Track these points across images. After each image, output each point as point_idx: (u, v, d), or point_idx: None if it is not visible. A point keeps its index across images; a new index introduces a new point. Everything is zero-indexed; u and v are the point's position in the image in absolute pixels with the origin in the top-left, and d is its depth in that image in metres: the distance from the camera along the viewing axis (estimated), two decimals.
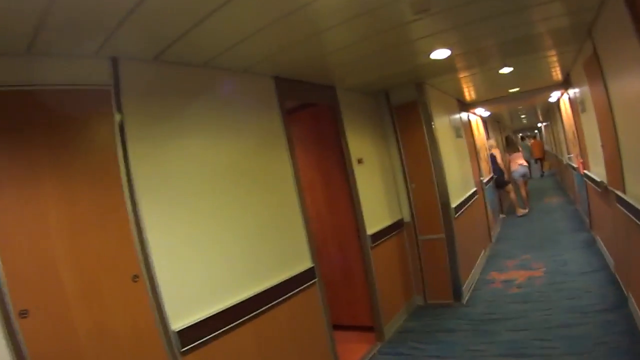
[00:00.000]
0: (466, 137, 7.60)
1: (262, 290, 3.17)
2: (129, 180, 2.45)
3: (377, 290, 4.83)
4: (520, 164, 10.70)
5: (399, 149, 5.60)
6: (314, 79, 4.35)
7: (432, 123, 5.36)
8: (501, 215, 10.11)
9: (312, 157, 5.22)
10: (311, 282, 3.76)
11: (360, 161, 4.92)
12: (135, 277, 2.37)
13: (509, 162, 10.97)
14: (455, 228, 5.41)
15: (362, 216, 4.77)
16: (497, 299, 5.31)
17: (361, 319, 5.09)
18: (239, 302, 2.95)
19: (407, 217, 5.65)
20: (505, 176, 10.31)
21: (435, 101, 5.72)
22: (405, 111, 5.51)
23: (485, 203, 8.10)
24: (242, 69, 3.43)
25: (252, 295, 3.06)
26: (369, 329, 4.97)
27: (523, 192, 10.81)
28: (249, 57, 3.22)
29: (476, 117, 9.05)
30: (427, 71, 4.84)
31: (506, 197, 10.51)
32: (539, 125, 21.38)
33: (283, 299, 3.36)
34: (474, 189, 7.12)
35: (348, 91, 5.00)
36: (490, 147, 10.36)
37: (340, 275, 5.23)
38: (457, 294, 5.41)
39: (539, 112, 14.87)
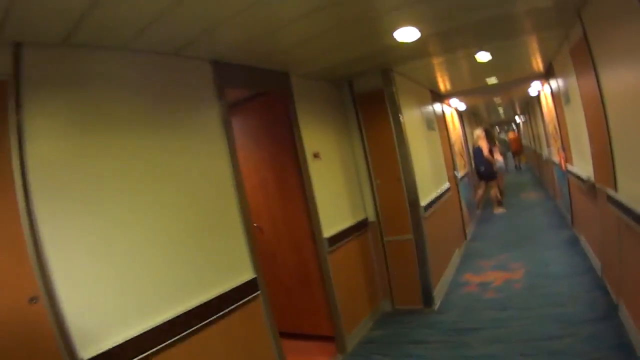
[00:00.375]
0: (440, 130, 7.00)
1: (194, 306, 2.68)
2: (25, 187, 2.05)
3: (337, 297, 4.23)
4: (496, 159, 10.20)
5: (363, 142, 4.99)
6: (264, 63, 3.71)
7: (400, 114, 4.74)
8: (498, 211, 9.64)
9: (265, 152, 4.59)
10: (253, 295, 3.19)
11: (316, 156, 4.29)
12: (32, 300, 1.99)
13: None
14: (425, 228, 4.81)
15: (317, 217, 4.15)
16: (472, 305, 4.73)
17: (322, 329, 4.48)
18: (164, 321, 2.48)
19: (372, 217, 5.04)
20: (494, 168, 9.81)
21: (404, 90, 5.10)
22: (370, 101, 4.88)
23: (460, 199, 7.54)
24: (171, 51, 2.87)
25: (180, 313, 2.59)
26: (330, 339, 4.38)
27: (501, 186, 10.43)
28: (178, 36, 2.66)
29: (451, 109, 8.49)
30: (394, 55, 4.21)
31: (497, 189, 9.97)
32: (517, 119, 21.08)
33: (220, 316, 2.85)
34: (447, 184, 6.52)
35: (304, 78, 4.36)
36: (477, 139, 9.84)
37: (298, 281, 4.61)
38: (428, 299, 4.82)
39: (517, 106, 14.41)
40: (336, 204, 4.55)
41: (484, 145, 9.66)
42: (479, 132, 9.98)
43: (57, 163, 2.20)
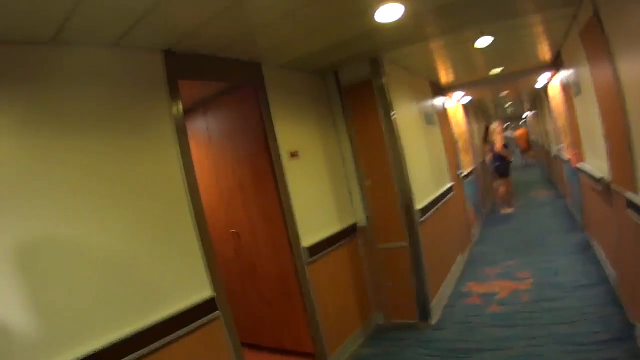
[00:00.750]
0: (442, 126, 6.40)
1: (134, 332, 2.24)
2: None
3: (319, 312, 3.74)
4: (491, 157, 9.58)
5: (351, 140, 4.45)
6: (229, 53, 3.19)
7: (391, 107, 4.18)
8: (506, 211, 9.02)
9: (241, 151, 4.07)
10: (211, 315, 2.69)
11: (294, 155, 3.77)
12: None
13: (486, 153, 9.85)
14: (421, 234, 4.26)
15: (294, 224, 3.63)
16: (474, 320, 4.17)
17: (304, 345, 3.96)
18: (92, 353, 2.05)
19: (362, 222, 4.51)
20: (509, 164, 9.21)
21: (397, 81, 4.55)
22: (358, 93, 4.33)
23: (465, 199, 6.96)
24: (110, 42, 2.44)
25: (117, 340, 2.16)
26: (313, 356, 3.85)
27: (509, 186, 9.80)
28: (114, 22, 2.21)
29: (455, 102, 7.91)
30: (382, 40, 3.65)
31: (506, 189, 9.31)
32: (525, 114, 20.30)
33: (168, 342, 2.40)
34: (450, 184, 5.94)
35: (281, 69, 3.84)
36: (492, 134, 9.28)
37: (280, 292, 4.08)
38: (424, 312, 4.28)
39: (525, 100, 13.70)
40: (320, 208, 4.03)
41: (498, 140, 9.07)
42: (494, 127, 9.38)
43: None
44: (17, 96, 2.04)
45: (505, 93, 10.34)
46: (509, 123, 24.93)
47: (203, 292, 2.72)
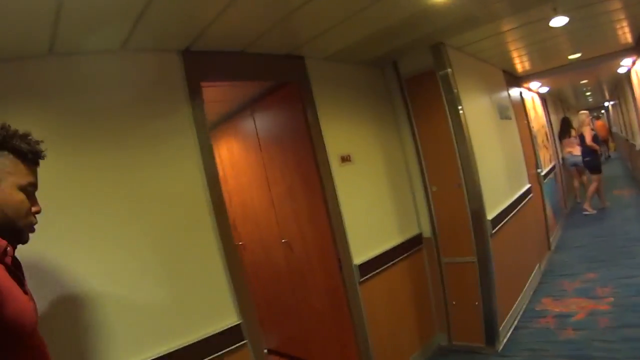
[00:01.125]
0: (518, 120, 5.61)
1: None
2: None
3: (371, 335, 3.24)
4: (570, 152, 8.49)
5: (415, 139, 3.87)
6: (262, 46, 2.75)
7: (459, 101, 3.55)
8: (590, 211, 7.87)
9: (290, 154, 3.60)
10: (237, 345, 2.33)
11: (346, 159, 3.28)
12: None
13: (564, 148, 8.77)
14: (493, 247, 3.60)
15: (344, 238, 3.15)
16: (544, 348, 3.49)
17: None
18: None
19: (427, 232, 3.93)
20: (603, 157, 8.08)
21: (464, 71, 3.90)
22: (419, 85, 3.74)
23: (543, 202, 6.12)
24: (115, 46, 2.15)
25: None
26: None
27: (576, 183, 8.81)
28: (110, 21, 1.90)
29: (532, 93, 7.07)
30: (442, 23, 3.05)
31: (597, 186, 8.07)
32: (606, 104, 18.48)
33: None
34: (528, 185, 5.18)
35: (328, 61, 3.34)
36: (581, 125, 8.22)
37: (330, 306, 3.57)
38: (491, 336, 3.63)
39: (605, 89, 12.28)
40: (376, 219, 3.51)
41: (587, 132, 8.00)
42: (583, 117, 8.33)
43: None
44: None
45: (585, 81, 9.22)
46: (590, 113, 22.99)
47: (229, 317, 2.36)
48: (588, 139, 7.89)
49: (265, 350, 4.63)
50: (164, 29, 2.13)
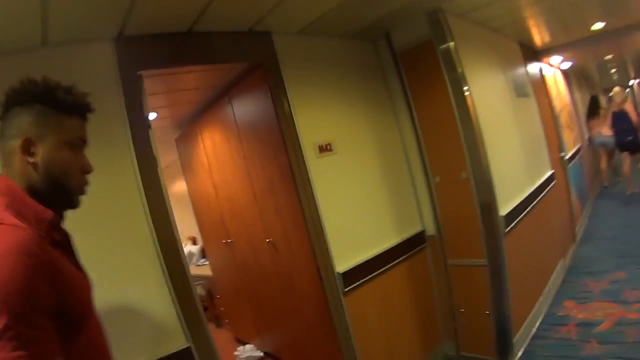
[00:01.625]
0: (538, 97, 4.91)
1: None
2: None
3: (359, 349, 2.72)
4: (599, 132, 7.68)
5: (414, 122, 3.30)
6: (218, 23, 2.26)
7: (464, 79, 2.92)
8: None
9: (268, 145, 3.05)
10: None
11: (325, 149, 2.74)
12: None
13: (592, 129, 7.98)
14: (507, 247, 3.01)
15: (324, 243, 2.63)
16: None
17: None
18: None
19: (431, 229, 3.39)
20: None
21: (471, 43, 3.25)
22: (417, 60, 3.14)
23: (568, 188, 5.40)
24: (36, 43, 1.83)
25: None
26: None
27: (603, 165, 7.93)
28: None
29: (553, 69, 6.36)
30: None
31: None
32: (630, 82, 17.25)
33: None
34: (550, 172, 4.52)
35: (302, 36, 2.79)
36: (623, 101, 7.36)
37: (320, 317, 2.95)
38: (504, 348, 3.05)
39: (630, 66, 11.24)
40: (365, 218, 2.97)
41: (631, 109, 7.19)
42: (621, 95, 7.46)
43: None
44: None
45: (609, 56, 8.37)
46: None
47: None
48: (635, 117, 7.09)
49: (262, 354, 4.26)
50: (83, 15, 1.74)
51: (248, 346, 4.41)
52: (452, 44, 2.92)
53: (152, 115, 3.70)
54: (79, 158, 1.13)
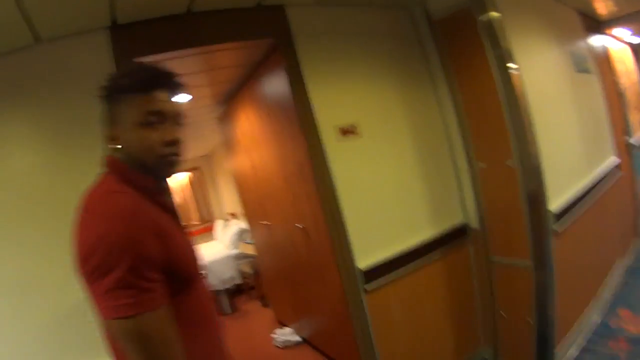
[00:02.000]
0: (601, 74, 4.33)
1: None
2: None
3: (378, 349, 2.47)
4: None
5: (455, 101, 2.94)
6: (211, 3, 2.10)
7: (509, 56, 2.47)
8: None
9: (296, 127, 2.73)
10: None
11: (348, 132, 2.45)
12: None
13: None
14: (557, 249, 2.61)
15: (343, 234, 2.37)
16: None
17: None
18: None
19: (474, 222, 3.02)
20: None
21: (519, 12, 2.82)
22: (456, 29, 2.78)
23: (633, 178, 4.77)
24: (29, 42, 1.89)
25: None
26: None
27: None
28: None
29: (620, 43, 5.69)
30: None
31: None
32: None
33: None
34: (613, 160, 3.98)
35: (320, 7, 2.49)
36: None
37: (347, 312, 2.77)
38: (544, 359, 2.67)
39: None
40: (394, 208, 2.68)
41: None
42: None
43: None
44: None
45: None
46: None
47: None
48: None
49: (300, 339, 4.08)
50: (66, 9, 1.73)
51: (287, 329, 4.28)
52: (494, 13, 2.50)
53: (186, 97, 3.66)
54: (155, 132, 1.13)
